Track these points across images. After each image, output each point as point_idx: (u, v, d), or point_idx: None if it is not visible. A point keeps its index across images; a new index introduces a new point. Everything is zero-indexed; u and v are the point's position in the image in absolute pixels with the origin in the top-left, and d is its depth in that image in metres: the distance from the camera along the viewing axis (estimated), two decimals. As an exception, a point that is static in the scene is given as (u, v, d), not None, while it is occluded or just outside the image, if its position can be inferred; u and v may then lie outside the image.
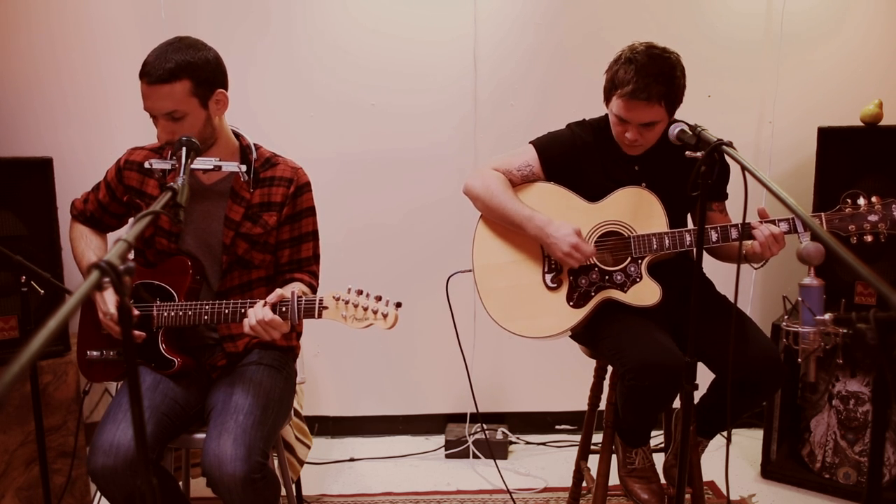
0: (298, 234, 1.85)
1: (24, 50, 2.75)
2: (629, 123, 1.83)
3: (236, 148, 1.81)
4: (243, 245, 1.78)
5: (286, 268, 1.86)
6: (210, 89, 1.67)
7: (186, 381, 1.79)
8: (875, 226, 1.74)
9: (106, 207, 1.89)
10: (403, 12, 2.81)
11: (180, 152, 1.54)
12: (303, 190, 1.84)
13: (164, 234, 1.79)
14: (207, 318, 1.69)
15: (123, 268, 0.88)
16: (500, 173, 1.99)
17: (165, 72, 1.58)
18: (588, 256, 1.86)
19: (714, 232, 1.83)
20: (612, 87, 1.84)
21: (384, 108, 2.86)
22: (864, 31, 2.85)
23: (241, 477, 1.53)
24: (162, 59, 1.60)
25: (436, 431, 3.05)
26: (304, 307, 1.60)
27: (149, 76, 1.59)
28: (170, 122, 1.63)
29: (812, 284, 1.63)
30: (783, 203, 1.20)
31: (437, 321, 2.48)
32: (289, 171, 1.83)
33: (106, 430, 1.59)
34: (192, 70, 1.62)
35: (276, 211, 1.80)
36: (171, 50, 1.61)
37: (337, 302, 1.59)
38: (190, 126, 1.65)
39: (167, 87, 1.60)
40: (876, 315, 0.87)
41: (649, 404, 1.82)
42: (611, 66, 1.86)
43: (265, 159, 1.83)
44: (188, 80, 1.61)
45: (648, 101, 1.77)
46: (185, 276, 1.75)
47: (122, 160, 1.85)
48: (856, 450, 2.48)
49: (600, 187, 1.93)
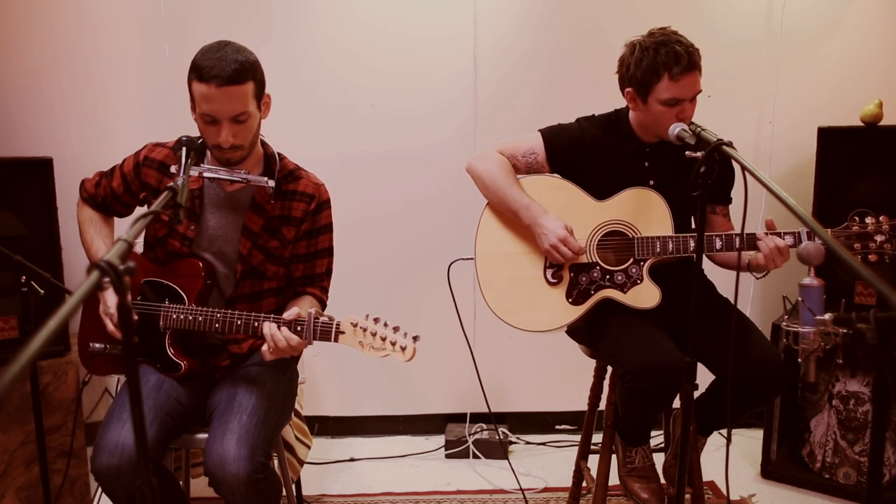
0: (314, 250, 1.85)
1: (24, 50, 2.75)
2: (682, 102, 1.80)
3: (261, 156, 1.80)
4: (259, 256, 1.78)
5: (298, 282, 1.86)
6: (263, 91, 1.68)
7: (190, 381, 1.78)
8: (881, 246, 1.72)
9: (119, 197, 1.86)
10: (404, 12, 2.81)
11: (180, 152, 1.54)
12: (323, 207, 1.83)
13: (178, 236, 1.77)
14: (218, 326, 1.68)
15: (123, 268, 0.88)
16: (505, 157, 1.98)
17: (235, 72, 1.56)
18: (576, 253, 1.85)
19: (718, 240, 1.83)
20: (652, 75, 1.79)
21: (384, 108, 2.86)
22: (864, 31, 2.85)
23: (244, 477, 1.53)
24: (224, 60, 1.56)
25: (436, 431, 3.05)
26: (320, 329, 1.59)
27: (218, 78, 1.55)
28: (235, 125, 1.61)
29: (812, 284, 1.63)
30: (783, 203, 1.20)
31: (437, 321, 2.48)
32: (311, 188, 1.82)
33: (111, 430, 1.59)
34: (254, 71, 1.61)
35: (294, 226, 1.79)
36: (229, 51, 1.58)
37: (354, 329, 1.57)
38: (249, 129, 1.65)
39: (239, 89, 1.57)
40: (876, 315, 0.87)
41: (649, 405, 1.82)
42: (633, 60, 1.82)
43: (289, 171, 1.82)
44: (252, 81, 1.61)
45: (697, 70, 1.78)
46: (196, 279, 1.74)
47: (142, 155, 1.81)
48: (856, 450, 2.48)
49: (608, 184, 1.92)
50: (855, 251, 1.74)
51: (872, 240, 1.73)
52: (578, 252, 1.86)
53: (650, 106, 1.83)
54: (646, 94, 1.83)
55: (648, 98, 1.83)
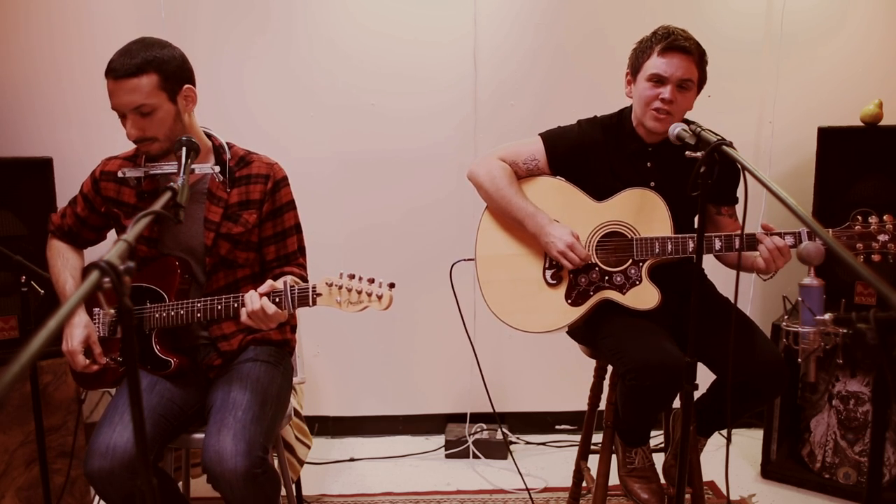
0: (282, 229, 1.85)
1: (24, 50, 2.75)
2: (666, 83, 1.81)
3: (209, 148, 1.81)
4: (226, 245, 1.78)
5: (274, 264, 1.86)
6: (178, 84, 1.67)
7: (183, 381, 1.79)
8: (884, 245, 1.72)
9: (85, 221, 1.88)
10: (404, 13, 2.81)
11: (180, 152, 1.54)
12: (280, 185, 1.83)
13: (143, 240, 1.78)
14: (200, 315, 1.69)
15: (123, 268, 0.88)
16: (507, 164, 1.98)
17: (132, 66, 1.60)
18: (583, 259, 1.86)
19: (718, 241, 1.83)
20: (644, 52, 1.84)
21: (384, 109, 2.86)
22: (864, 32, 2.85)
23: (242, 472, 1.53)
24: (127, 56, 1.61)
25: (436, 431, 3.05)
26: (297, 296, 1.60)
27: (115, 72, 1.60)
28: (138, 117, 1.63)
29: (812, 284, 1.63)
30: (783, 203, 1.20)
31: (437, 321, 2.48)
32: (264, 168, 1.82)
33: (102, 433, 1.60)
34: (159, 64, 1.63)
35: (255, 209, 1.80)
36: (138, 47, 1.63)
37: (330, 288, 1.57)
38: (160, 122, 1.65)
39: (134, 81, 1.60)
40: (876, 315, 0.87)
41: (650, 404, 1.82)
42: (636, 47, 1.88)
43: (239, 157, 1.83)
44: (155, 73, 1.62)
45: (687, 52, 1.79)
46: (173, 276, 1.75)
47: (98, 171, 1.84)
48: (856, 450, 2.48)
49: (607, 186, 1.93)
50: (857, 251, 1.74)
51: (875, 239, 1.73)
52: (585, 258, 1.87)
53: (638, 84, 1.87)
54: (637, 73, 1.87)
55: (638, 76, 1.86)
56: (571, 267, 1.88)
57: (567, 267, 1.89)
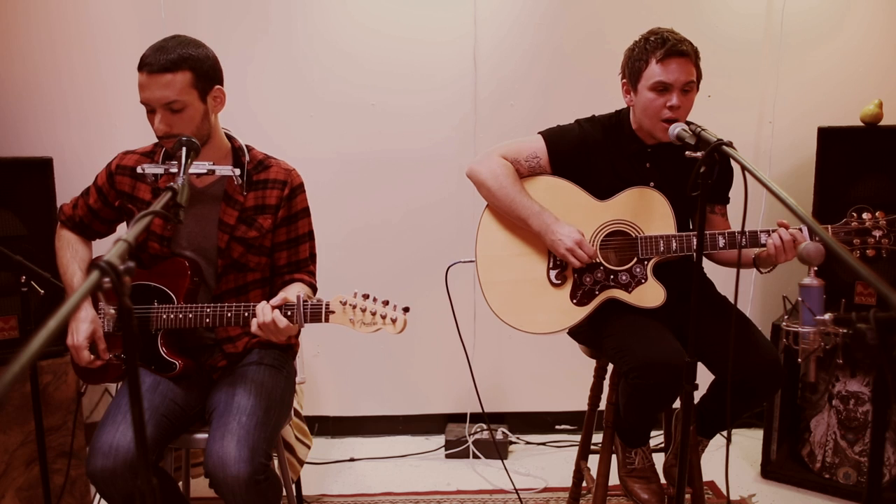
0: (295, 235, 1.85)
1: (24, 50, 2.75)
2: (671, 89, 1.80)
3: (228, 150, 1.81)
4: (239, 248, 1.78)
5: (285, 269, 1.86)
6: (210, 84, 1.68)
7: (186, 381, 1.78)
8: (878, 241, 1.74)
9: (97, 213, 1.87)
10: (403, 12, 2.81)
11: (180, 152, 1.54)
12: (297, 191, 1.84)
13: (157, 238, 1.77)
14: (209, 320, 1.68)
15: (123, 268, 0.88)
16: (509, 162, 1.97)
17: (168, 62, 1.60)
18: (590, 257, 1.86)
19: (721, 238, 1.83)
20: (640, 60, 1.83)
21: (384, 108, 2.86)
22: (864, 32, 2.85)
23: (245, 478, 1.53)
24: (163, 51, 1.61)
25: (436, 431, 3.05)
26: (310, 311, 1.59)
27: (150, 66, 1.60)
28: (168, 113, 1.63)
29: (812, 284, 1.63)
30: (783, 203, 1.20)
31: (437, 321, 2.48)
32: (282, 174, 1.82)
33: (105, 432, 1.59)
34: (194, 62, 1.63)
35: (271, 214, 1.80)
36: (173, 44, 1.63)
37: (344, 307, 1.58)
38: (189, 119, 1.65)
39: (169, 77, 1.60)
40: (876, 315, 0.87)
41: (652, 403, 1.82)
42: (628, 54, 1.88)
43: (258, 161, 1.82)
44: (189, 71, 1.62)
45: (687, 56, 1.79)
46: (183, 278, 1.75)
47: (114, 164, 1.83)
48: (856, 450, 2.48)
49: (608, 185, 1.92)
50: (854, 247, 1.75)
51: (871, 235, 1.74)
52: (592, 256, 1.87)
53: (640, 95, 1.85)
54: (636, 82, 1.86)
55: (638, 86, 1.85)
56: (578, 265, 1.87)
57: (574, 265, 1.88)
